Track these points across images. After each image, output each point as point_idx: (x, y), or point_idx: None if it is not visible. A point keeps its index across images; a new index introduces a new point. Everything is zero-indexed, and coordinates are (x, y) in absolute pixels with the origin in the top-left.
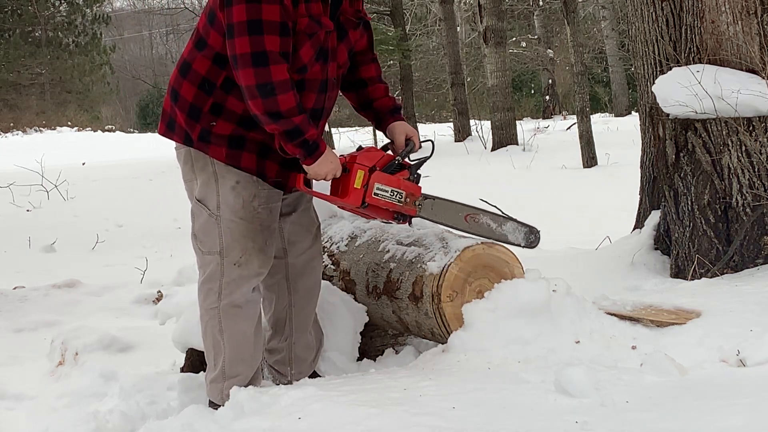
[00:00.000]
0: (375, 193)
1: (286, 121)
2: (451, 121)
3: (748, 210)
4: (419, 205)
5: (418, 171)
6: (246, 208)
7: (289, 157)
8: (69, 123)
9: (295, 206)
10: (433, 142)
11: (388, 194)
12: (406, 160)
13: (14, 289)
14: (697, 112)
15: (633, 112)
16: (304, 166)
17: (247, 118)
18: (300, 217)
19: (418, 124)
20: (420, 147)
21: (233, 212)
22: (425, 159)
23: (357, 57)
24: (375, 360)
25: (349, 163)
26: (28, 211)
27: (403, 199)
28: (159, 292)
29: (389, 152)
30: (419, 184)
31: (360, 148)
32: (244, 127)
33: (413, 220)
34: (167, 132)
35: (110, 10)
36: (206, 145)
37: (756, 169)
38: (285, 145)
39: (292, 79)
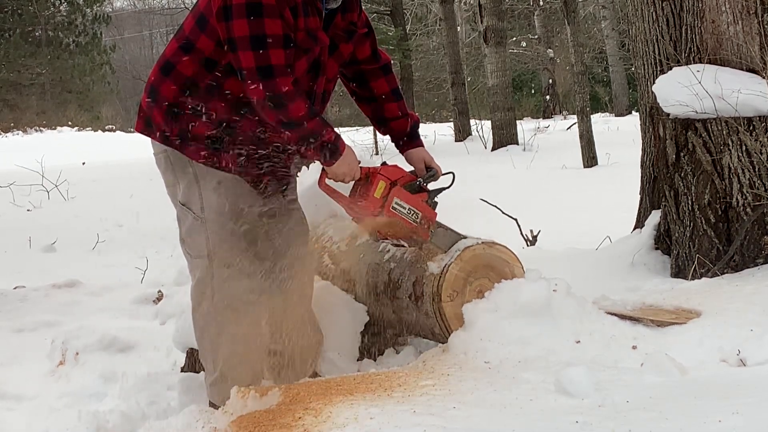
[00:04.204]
0: (393, 207)
1: (301, 128)
2: (451, 121)
3: (748, 210)
4: (433, 231)
5: (436, 199)
6: (230, 208)
7: (309, 161)
8: (69, 123)
9: (279, 207)
10: (454, 174)
11: (405, 211)
12: (427, 185)
13: (14, 289)
14: (697, 112)
15: (633, 112)
16: (326, 167)
17: (226, 122)
18: (287, 218)
19: None
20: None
21: (218, 213)
22: (444, 188)
23: (362, 67)
24: (375, 360)
25: (372, 173)
26: (28, 211)
27: (418, 220)
28: (159, 292)
29: (412, 174)
30: (436, 211)
31: (384, 164)
32: (223, 130)
33: None
34: (145, 129)
35: (110, 10)
36: (184, 146)
37: (756, 169)
38: (304, 151)
39: (298, 87)
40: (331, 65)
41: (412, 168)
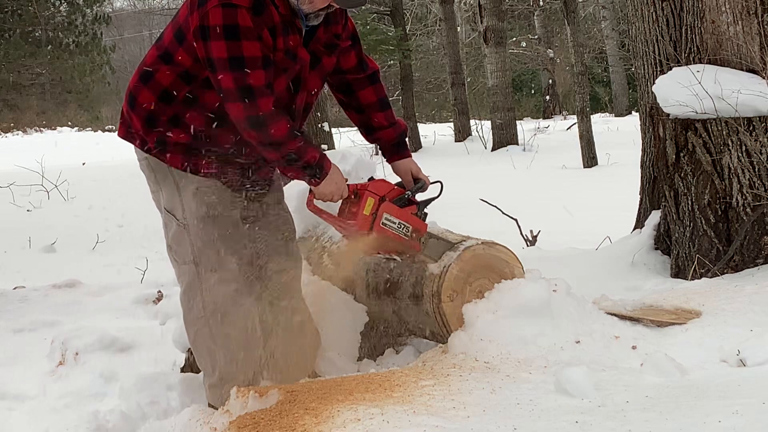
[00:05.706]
0: (383, 223)
1: (283, 149)
2: (451, 121)
3: (748, 210)
4: (424, 243)
5: (425, 210)
6: (211, 213)
7: (293, 179)
8: (69, 123)
9: (262, 209)
10: (441, 184)
11: (395, 226)
12: (415, 197)
13: (14, 289)
14: (697, 112)
15: (633, 112)
16: (312, 188)
17: (204, 131)
18: (271, 220)
19: (418, 124)
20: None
21: (199, 218)
22: (433, 199)
23: (348, 77)
24: (375, 360)
25: (360, 190)
26: (28, 211)
27: (409, 233)
28: (159, 292)
29: (400, 187)
30: (426, 222)
31: (371, 179)
32: (200, 139)
33: None
34: (126, 136)
35: (110, 10)
36: (163, 153)
37: (756, 169)
38: (287, 171)
39: (279, 105)
40: (313, 78)
41: (400, 179)
